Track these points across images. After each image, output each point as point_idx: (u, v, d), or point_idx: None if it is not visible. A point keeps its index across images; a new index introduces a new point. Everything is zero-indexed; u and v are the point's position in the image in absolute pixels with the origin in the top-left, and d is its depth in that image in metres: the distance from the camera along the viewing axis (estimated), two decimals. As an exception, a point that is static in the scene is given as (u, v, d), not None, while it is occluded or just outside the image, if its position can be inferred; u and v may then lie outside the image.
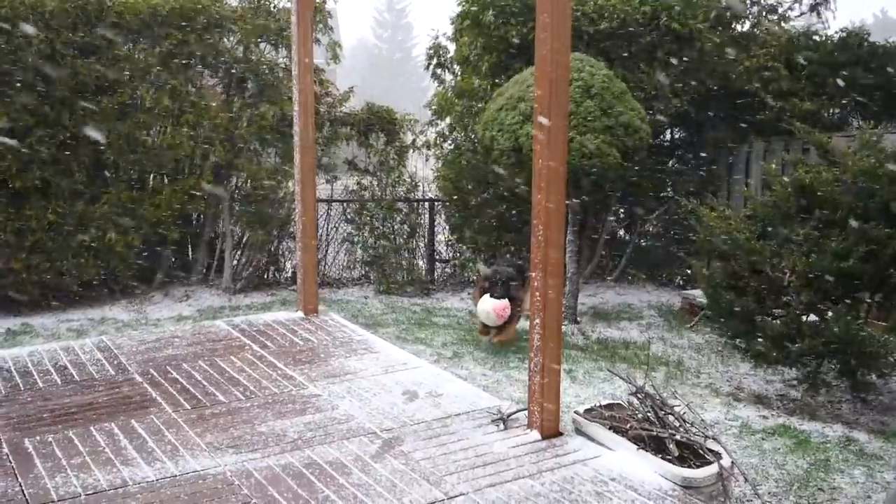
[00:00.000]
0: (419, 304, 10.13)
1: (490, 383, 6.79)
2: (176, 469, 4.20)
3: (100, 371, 5.59)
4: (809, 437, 5.80)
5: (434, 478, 4.16)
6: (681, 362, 7.71)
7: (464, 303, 10.26)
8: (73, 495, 3.92)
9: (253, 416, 4.87)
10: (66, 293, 9.45)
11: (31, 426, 4.68)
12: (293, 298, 9.40)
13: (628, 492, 4.04)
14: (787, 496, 4.91)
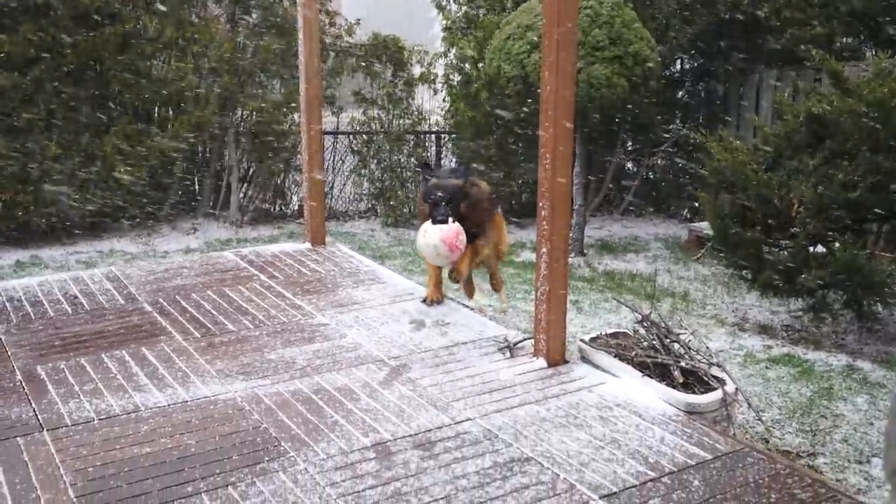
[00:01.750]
0: (426, 237, 10.14)
1: (496, 314, 6.83)
2: (187, 395, 4.27)
3: (110, 300, 5.64)
4: (813, 366, 5.85)
5: (441, 403, 4.22)
6: (687, 294, 7.73)
7: (470, 236, 10.26)
8: (86, 419, 3.99)
9: (262, 345, 4.93)
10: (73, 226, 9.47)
11: (43, 353, 4.75)
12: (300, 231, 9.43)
13: (632, 417, 4.10)
14: (789, 423, 4.97)
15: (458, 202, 5.29)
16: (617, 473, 3.59)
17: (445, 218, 5.15)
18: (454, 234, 5.16)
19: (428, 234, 5.17)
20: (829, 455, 4.62)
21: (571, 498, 3.40)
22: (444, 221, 5.15)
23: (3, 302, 5.57)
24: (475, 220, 5.47)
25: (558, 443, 3.84)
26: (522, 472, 3.59)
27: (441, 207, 5.21)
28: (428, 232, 5.17)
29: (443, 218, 5.16)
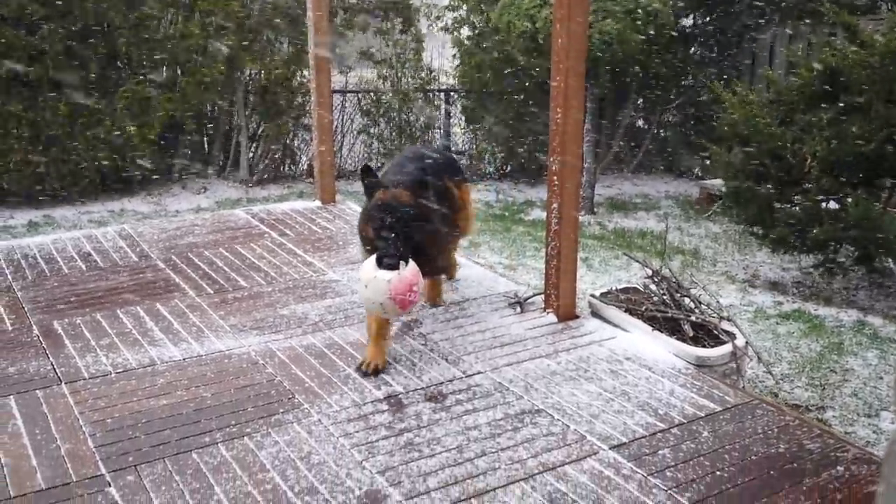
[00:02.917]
0: (436, 196, 10.13)
1: (506, 271, 6.86)
2: (202, 349, 4.32)
3: (123, 258, 5.68)
4: (824, 321, 5.86)
5: (452, 357, 4.26)
6: (697, 251, 7.73)
7: (479, 194, 10.25)
8: (103, 373, 4.05)
9: (275, 300, 4.97)
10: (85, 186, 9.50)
11: (58, 309, 4.80)
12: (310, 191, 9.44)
13: (642, 370, 4.13)
14: (799, 377, 5.00)
15: (418, 231, 3.84)
16: (627, 425, 3.63)
17: (396, 261, 3.69)
18: (407, 286, 3.70)
19: (372, 286, 3.71)
20: (838, 409, 4.65)
21: (582, 448, 3.45)
22: (394, 266, 3.68)
23: (18, 259, 5.62)
24: (436, 245, 4.18)
25: (569, 395, 3.88)
26: (533, 424, 3.63)
27: (391, 243, 3.73)
28: (372, 282, 3.70)
29: (392, 262, 3.68)
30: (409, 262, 3.76)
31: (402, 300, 3.74)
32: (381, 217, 3.80)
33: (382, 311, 3.86)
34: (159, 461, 3.34)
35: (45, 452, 3.39)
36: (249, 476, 3.24)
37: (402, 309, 3.81)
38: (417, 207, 3.85)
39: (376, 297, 3.74)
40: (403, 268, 3.72)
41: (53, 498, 3.10)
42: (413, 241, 3.82)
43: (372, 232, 3.85)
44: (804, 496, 3.12)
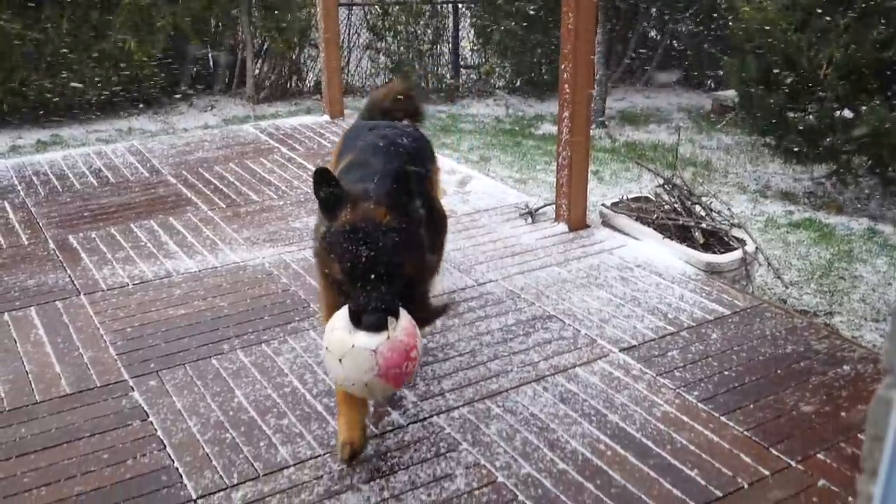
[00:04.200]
0: (444, 111, 10.04)
1: (517, 185, 6.85)
2: (216, 261, 4.37)
3: (134, 173, 5.69)
4: (834, 229, 5.86)
5: (464, 266, 4.30)
6: (709, 163, 7.68)
7: (489, 108, 10.15)
8: (121, 285, 4.12)
9: (286, 214, 4.99)
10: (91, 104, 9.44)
11: (73, 224, 4.84)
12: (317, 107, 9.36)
13: (652, 276, 4.17)
14: (808, 284, 5.03)
15: (409, 265, 2.61)
16: (636, 328, 3.68)
17: (384, 318, 2.49)
18: (403, 355, 2.51)
19: (349, 361, 2.50)
20: (845, 314, 4.70)
21: (592, 351, 3.51)
22: (381, 325, 2.48)
23: (30, 176, 5.64)
24: (427, 281, 2.94)
25: (579, 301, 3.93)
26: (544, 329, 3.70)
27: (373, 290, 2.50)
28: (349, 354, 2.50)
29: (379, 321, 2.48)
30: (399, 315, 2.52)
31: (397, 375, 2.51)
32: (355, 249, 2.48)
33: (368, 394, 2.65)
34: (180, 367, 3.43)
35: (67, 360, 3.48)
36: (269, 380, 3.33)
37: (397, 386, 2.62)
38: (404, 230, 2.57)
39: (357, 376, 2.49)
40: (393, 326, 2.49)
41: (79, 402, 3.20)
42: (402, 281, 2.56)
43: (341, 271, 2.53)
44: (810, 394, 3.19)
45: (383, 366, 2.48)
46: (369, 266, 2.49)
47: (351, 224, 2.54)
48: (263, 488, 2.74)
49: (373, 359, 2.47)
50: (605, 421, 3.05)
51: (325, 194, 2.62)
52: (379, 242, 2.51)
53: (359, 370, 2.50)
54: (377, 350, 2.47)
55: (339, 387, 2.80)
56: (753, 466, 2.79)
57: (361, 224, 2.53)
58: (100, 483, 2.76)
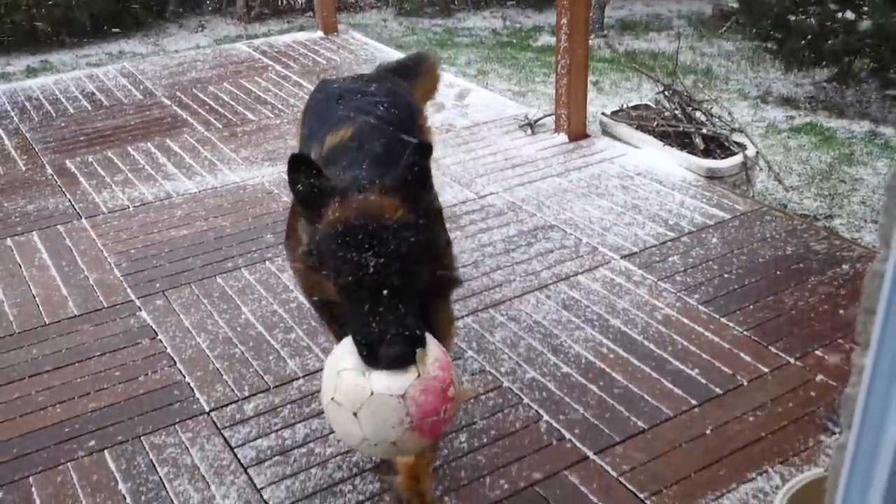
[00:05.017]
0: (440, 25, 9.84)
1: (516, 97, 6.77)
2: (216, 181, 4.36)
3: (127, 96, 5.62)
4: (835, 133, 5.82)
5: (465, 180, 4.29)
6: (709, 70, 7.57)
7: (486, 21, 9.95)
8: (121, 207, 4.12)
9: (284, 132, 4.95)
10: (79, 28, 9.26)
11: (69, 148, 4.81)
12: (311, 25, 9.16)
13: (653, 184, 4.16)
14: (808, 188, 5.03)
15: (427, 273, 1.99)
16: (637, 235, 3.70)
17: (412, 350, 1.86)
18: (439, 396, 1.89)
19: (369, 414, 1.85)
20: (845, 217, 4.71)
21: (594, 259, 3.54)
22: (408, 359, 1.86)
23: (23, 102, 5.58)
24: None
25: (580, 211, 3.94)
26: (546, 238, 3.71)
27: (393, 313, 1.87)
28: (368, 405, 1.85)
29: (406, 353, 1.86)
30: (426, 342, 1.89)
31: (435, 424, 1.89)
32: (358, 257, 1.85)
33: (395, 453, 2.06)
34: (186, 286, 3.46)
35: (73, 282, 3.51)
36: (274, 296, 3.36)
37: (435, 439, 2.01)
38: (423, 226, 1.96)
39: (383, 434, 1.85)
40: (422, 358, 1.86)
41: (87, 323, 3.25)
42: (420, 296, 1.95)
43: (339, 291, 1.91)
44: (809, 293, 3.22)
45: (417, 415, 1.82)
46: (380, 279, 1.83)
47: (348, 222, 1.87)
48: (274, 399, 2.80)
49: (402, 408, 1.81)
50: (607, 325, 3.09)
51: (305, 187, 1.92)
52: (391, 244, 1.85)
53: (384, 425, 1.82)
54: (406, 395, 1.81)
55: (356, 449, 2.14)
56: (753, 364, 2.84)
57: (363, 221, 1.86)
58: (113, 399, 2.83)
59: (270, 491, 2.44)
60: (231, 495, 2.43)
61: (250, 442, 2.63)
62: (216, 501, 2.41)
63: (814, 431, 2.55)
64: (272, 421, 2.71)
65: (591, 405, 2.70)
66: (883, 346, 0.78)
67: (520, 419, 2.67)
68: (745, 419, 2.61)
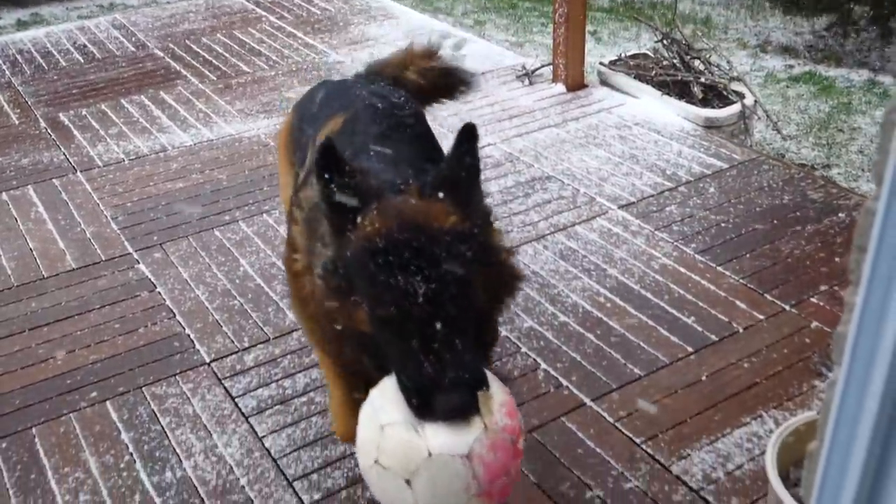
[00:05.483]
0: (435, -26, 9.69)
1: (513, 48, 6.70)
2: (211, 134, 4.33)
3: (120, 48, 5.55)
4: (834, 82, 5.78)
5: (461, 131, 4.27)
6: (709, 19, 7.49)
7: (482, -30, 9.79)
8: (116, 160, 4.10)
9: (279, 84, 4.91)
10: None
11: (62, 102, 4.77)
12: (304, -26, 9.01)
13: (651, 134, 4.14)
14: (806, 138, 5.01)
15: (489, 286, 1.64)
16: (635, 185, 3.69)
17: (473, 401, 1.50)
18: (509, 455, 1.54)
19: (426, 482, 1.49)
20: (843, 166, 4.70)
21: (591, 209, 3.54)
22: (470, 410, 1.50)
23: (14, 55, 5.51)
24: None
25: (578, 161, 3.93)
26: (544, 189, 3.71)
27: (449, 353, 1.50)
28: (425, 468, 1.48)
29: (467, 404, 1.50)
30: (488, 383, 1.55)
31: (505, 487, 1.57)
32: (407, 280, 1.50)
33: None
34: (183, 239, 3.46)
35: (70, 236, 3.51)
36: (272, 248, 3.37)
37: (503, 502, 1.61)
38: (481, 238, 1.63)
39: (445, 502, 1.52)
40: (488, 404, 1.53)
41: (86, 276, 3.25)
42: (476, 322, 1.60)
43: (377, 322, 1.56)
44: (805, 241, 3.24)
45: (485, 478, 1.48)
46: (434, 309, 1.49)
47: (391, 235, 1.51)
48: (274, 350, 2.83)
49: (467, 470, 1.46)
50: (604, 275, 3.10)
51: (339, 186, 1.56)
52: (446, 264, 1.50)
53: (446, 494, 1.48)
54: (472, 454, 1.46)
55: None
56: (749, 312, 2.87)
57: (411, 234, 1.51)
58: (114, 351, 2.85)
59: (272, 439, 2.47)
60: (233, 443, 2.46)
61: (251, 392, 2.66)
62: (218, 450, 2.44)
63: (808, 377, 2.58)
64: (272, 371, 2.73)
65: (588, 353, 2.72)
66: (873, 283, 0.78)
67: (518, 367, 2.69)
68: (741, 365, 2.64)
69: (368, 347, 1.61)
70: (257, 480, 2.34)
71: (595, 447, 2.37)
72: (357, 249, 1.55)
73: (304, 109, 2.46)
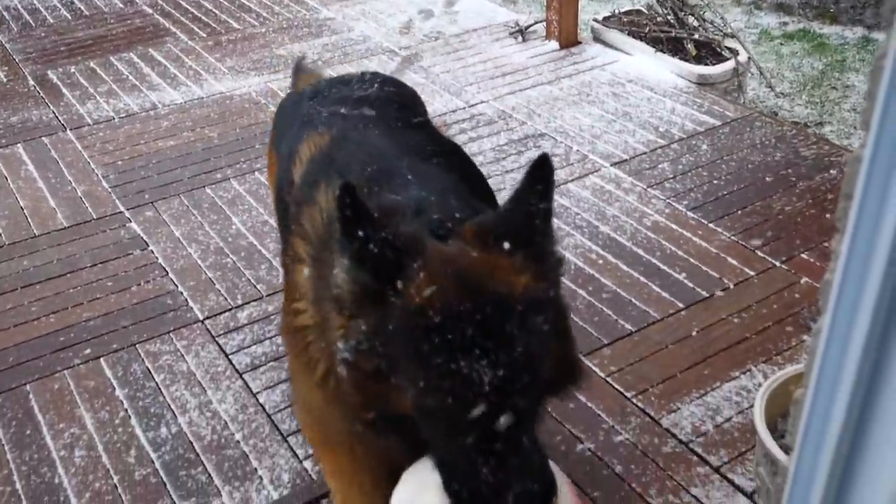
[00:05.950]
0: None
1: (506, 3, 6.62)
2: (202, 91, 4.29)
3: (108, 4, 5.47)
4: (828, 39, 5.75)
5: (454, 88, 4.24)
6: (703, -25, 7.41)
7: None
8: (106, 118, 4.07)
9: (269, 41, 4.85)
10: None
11: (51, 59, 4.71)
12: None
13: (644, 91, 4.12)
14: (799, 95, 4.99)
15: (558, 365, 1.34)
16: (628, 143, 3.69)
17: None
18: None
19: None
20: (835, 123, 4.69)
21: (584, 166, 3.53)
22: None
23: (1, 12, 5.42)
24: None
25: (571, 119, 3.91)
26: (536, 147, 3.70)
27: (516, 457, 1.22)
28: None
29: None
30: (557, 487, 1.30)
31: None
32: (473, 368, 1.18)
33: None
34: (175, 197, 3.45)
35: (61, 194, 3.49)
36: (264, 206, 3.36)
37: None
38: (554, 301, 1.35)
39: None
40: None
41: (77, 234, 3.24)
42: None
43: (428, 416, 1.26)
44: (796, 198, 3.24)
45: None
46: (500, 400, 1.19)
47: (447, 304, 1.20)
48: (267, 307, 2.83)
49: None
50: (596, 232, 3.11)
51: (376, 243, 1.22)
52: (518, 343, 1.20)
53: None
54: None
55: None
56: (739, 268, 2.88)
57: (473, 303, 1.20)
58: (107, 309, 2.85)
59: (266, 395, 2.49)
60: (227, 399, 2.48)
61: (245, 349, 2.67)
62: (213, 405, 2.46)
63: (797, 331, 2.61)
64: (266, 328, 2.75)
65: (580, 309, 2.74)
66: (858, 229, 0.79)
67: (509, 324, 2.71)
68: (731, 321, 2.66)
69: (407, 431, 1.29)
70: (252, 435, 2.36)
71: (586, 401, 2.40)
72: (404, 323, 1.20)
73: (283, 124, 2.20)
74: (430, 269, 1.22)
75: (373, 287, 1.23)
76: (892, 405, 0.80)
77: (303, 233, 1.52)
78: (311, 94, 2.12)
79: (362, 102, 1.96)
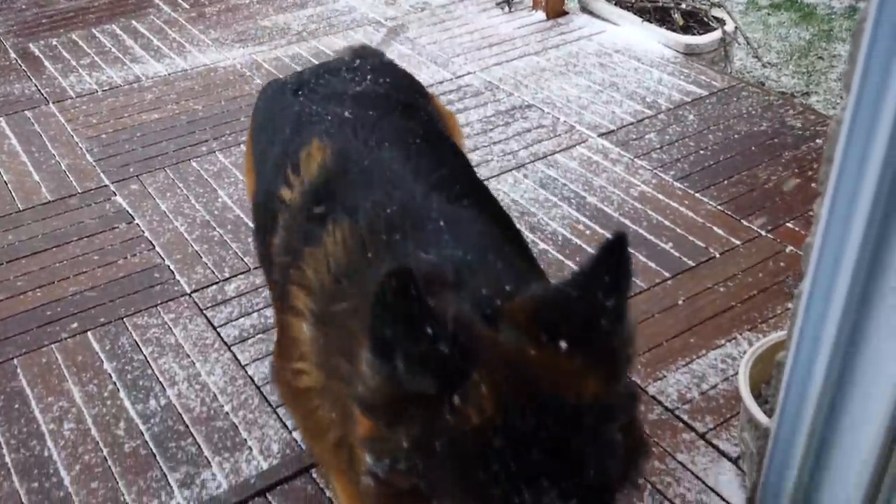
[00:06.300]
0: None
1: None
2: (186, 64, 4.25)
3: (89, -24, 5.39)
4: (815, 9, 5.74)
5: (441, 60, 4.22)
6: (691, -56, 7.37)
7: None
8: (90, 91, 4.03)
9: (254, 12, 4.80)
10: None
11: (32, 31, 4.65)
12: None
13: (631, 61, 4.11)
14: (786, 66, 5.00)
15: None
16: (615, 113, 3.68)
17: None
18: None
19: None
20: (822, 93, 4.70)
21: (571, 137, 3.53)
22: None
23: (-21, -17, 5.34)
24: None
25: (558, 90, 3.90)
26: (524, 118, 3.69)
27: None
28: None
29: None
30: None
31: None
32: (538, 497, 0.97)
33: None
34: (160, 171, 3.43)
35: (45, 168, 3.46)
36: (249, 179, 3.34)
37: None
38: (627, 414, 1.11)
39: None
40: None
41: (62, 208, 3.22)
42: None
43: None
44: (782, 167, 3.26)
45: None
46: None
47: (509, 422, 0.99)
48: (255, 280, 2.83)
49: None
50: (583, 203, 3.12)
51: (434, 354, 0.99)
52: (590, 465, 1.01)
53: None
54: None
55: None
56: (725, 238, 2.90)
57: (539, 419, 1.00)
58: (93, 282, 2.84)
59: (255, 367, 2.50)
60: (216, 371, 2.49)
61: (233, 321, 2.67)
62: (202, 378, 2.47)
63: (782, 300, 2.63)
64: (254, 301, 2.75)
65: (567, 280, 2.75)
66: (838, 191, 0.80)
67: (497, 294, 2.71)
68: (717, 290, 2.68)
69: None
70: (241, 407, 2.37)
71: (573, 370, 2.41)
72: (458, 444, 0.99)
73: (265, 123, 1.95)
74: (491, 377, 0.99)
75: (427, 394, 0.99)
76: (871, 363, 0.82)
77: (304, 281, 1.31)
78: (294, 87, 1.89)
79: (361, 102, 1.71)
